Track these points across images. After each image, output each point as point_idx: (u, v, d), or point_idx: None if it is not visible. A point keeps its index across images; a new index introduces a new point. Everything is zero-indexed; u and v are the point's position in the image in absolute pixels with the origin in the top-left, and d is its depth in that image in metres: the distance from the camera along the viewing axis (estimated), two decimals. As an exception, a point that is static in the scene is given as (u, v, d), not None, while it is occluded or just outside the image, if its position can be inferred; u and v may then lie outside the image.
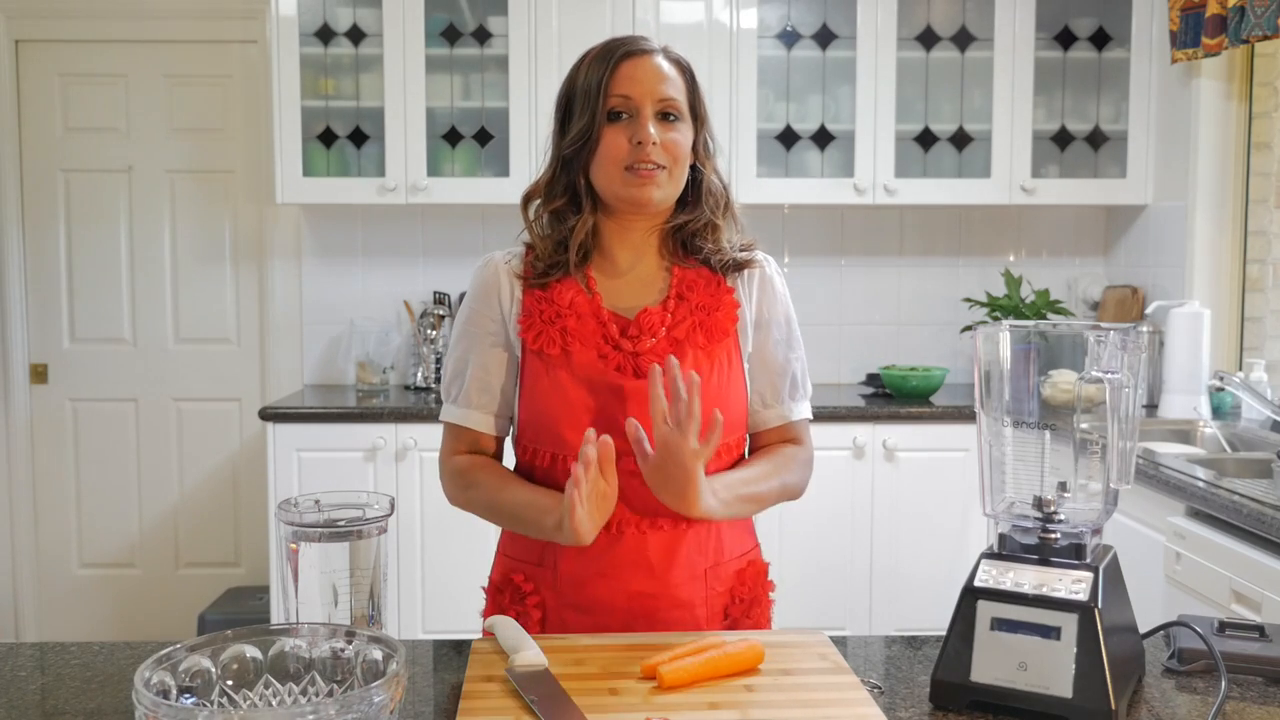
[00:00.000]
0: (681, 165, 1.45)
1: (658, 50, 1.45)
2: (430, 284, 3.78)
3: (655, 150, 1.41)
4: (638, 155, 1.41)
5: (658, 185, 1.43)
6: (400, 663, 0.93)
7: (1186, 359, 3.14)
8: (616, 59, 1.43)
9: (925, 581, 3.27)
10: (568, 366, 1.44)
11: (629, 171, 1.42)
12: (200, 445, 3.98)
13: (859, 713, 1.12)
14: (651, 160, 1.41)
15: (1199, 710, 1.18)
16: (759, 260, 1.54)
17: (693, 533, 1.45)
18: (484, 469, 1.50)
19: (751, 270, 1.53)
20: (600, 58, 1.44)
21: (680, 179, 1.46)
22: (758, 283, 1.53)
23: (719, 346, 1.47)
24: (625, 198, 1.44)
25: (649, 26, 3.44)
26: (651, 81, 1.42)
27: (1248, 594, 2.09)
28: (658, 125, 1.42)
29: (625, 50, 1.43)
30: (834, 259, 3.89)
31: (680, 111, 1.44)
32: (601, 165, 1.44)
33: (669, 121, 1.43)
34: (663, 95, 1.42)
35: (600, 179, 1.45)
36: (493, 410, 1.51)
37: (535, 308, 1.46)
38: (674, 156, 1.43)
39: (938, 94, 3.61)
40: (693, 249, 1.50)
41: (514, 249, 1.53)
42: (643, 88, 1.42)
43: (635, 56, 1.43)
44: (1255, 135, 3.29)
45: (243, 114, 3.89)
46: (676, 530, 1.44)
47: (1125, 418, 1.18)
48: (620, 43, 1.45)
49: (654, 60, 1.44)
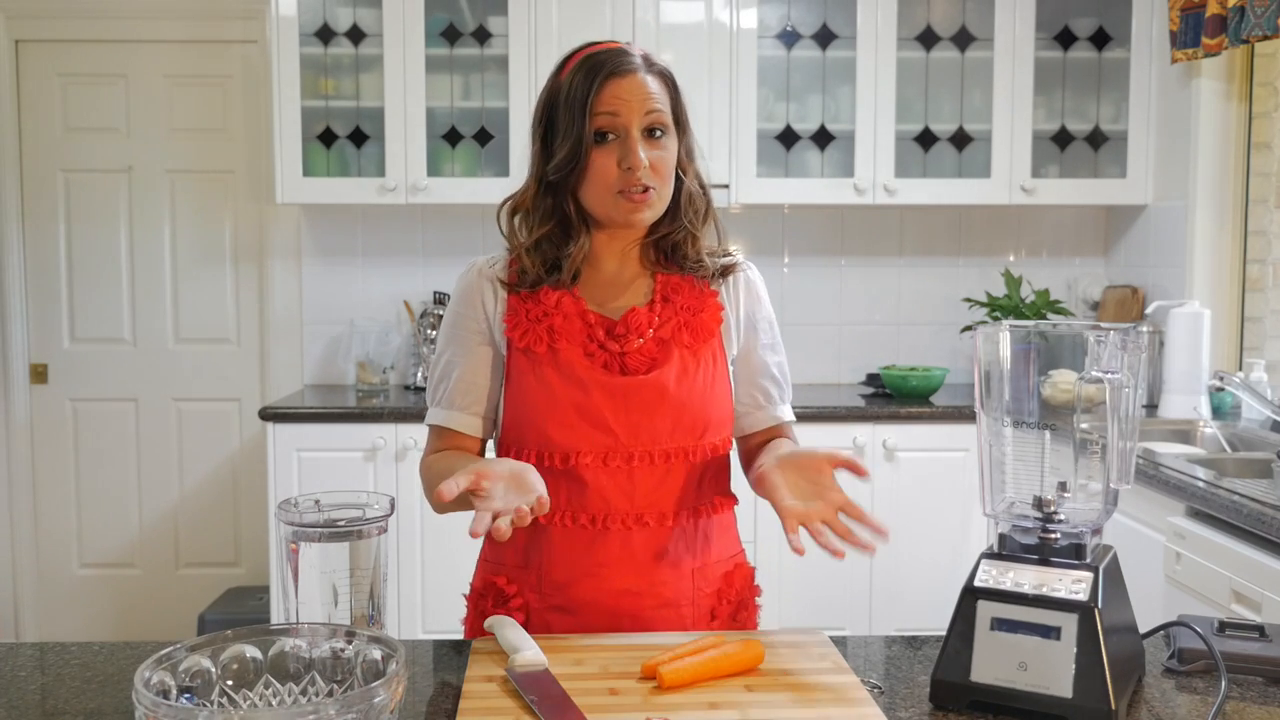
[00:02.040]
0: (669, 182, 1.45)
1: (641, 65, 1.42)
2: (430, 284, 3.79)
3: (645, 173, 1.40)
4: (628, 180, 1.40)
5: (649, 206, 1.43)
6: (400, 663, 0.93)
7: (1186, 359, 3.14)
8: (601, 78, 1.40)
9: (925, 581, 3.27)
10: (554, 364, 1.44)
11: (620, 195, 1.41)
12: (200, 445, 3.98)
13: (859, 713, 1.12)
14: (642, 184, 1.40)
15: (1199, 710, 1.18)
16: (741, 264, 1.55)
17: (679, 530, 1.46)
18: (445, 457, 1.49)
19: (735, 275, 1.53)
20: (584, 74, 1.41)
21: (668, 193, 1.46)
22: (742, 286, 1.54)
23: (704, 346, 1.47)
24: (618, 220, 1.44)
25: (649, 27, 3.44)
26: (638, 100, 1.40)
27: (1248, 594, 2.09)
28: (645, 144, 1.41)
29: (610, 69, 1.41)
30: (834, 259, 3.89)
31: (666, 126, 1.43)
32: (591, 189, 1.43)
33: (655, 138, 1.42)
34: (649, 111, 1.41)
35: (590, 201, 1.44)
36: (477, 412, 1.51)
37: (521, 307, 1.46)
38: (662, 175, 1.43)
39: (938, 94, 3.61)
40: (674, 258, 1.51)
41: (497, 255, 1.53)
42: (629, 107, 1.40)
43: (620, 75, 1.40)
44: (1255, 135, 3.29)
45: (243, 114, 3.89)
46: (662, 528, 1.45)
47: (1125, 418, 1.18)
48: (603, 59, 1.42)
49: (639, 77, 1.41)
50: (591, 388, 1.42)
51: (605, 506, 1.43)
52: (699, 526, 1.48)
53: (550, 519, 1.44)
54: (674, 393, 1.43)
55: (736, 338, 1.53)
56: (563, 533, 1.44)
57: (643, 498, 1.44)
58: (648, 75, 1.42)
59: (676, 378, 1.44)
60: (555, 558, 1.45)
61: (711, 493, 1.50)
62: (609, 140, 1.41)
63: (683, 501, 1.46)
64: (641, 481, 1.43)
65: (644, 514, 1.44)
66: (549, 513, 1.43)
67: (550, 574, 1.46)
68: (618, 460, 1.42)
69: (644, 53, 1.45)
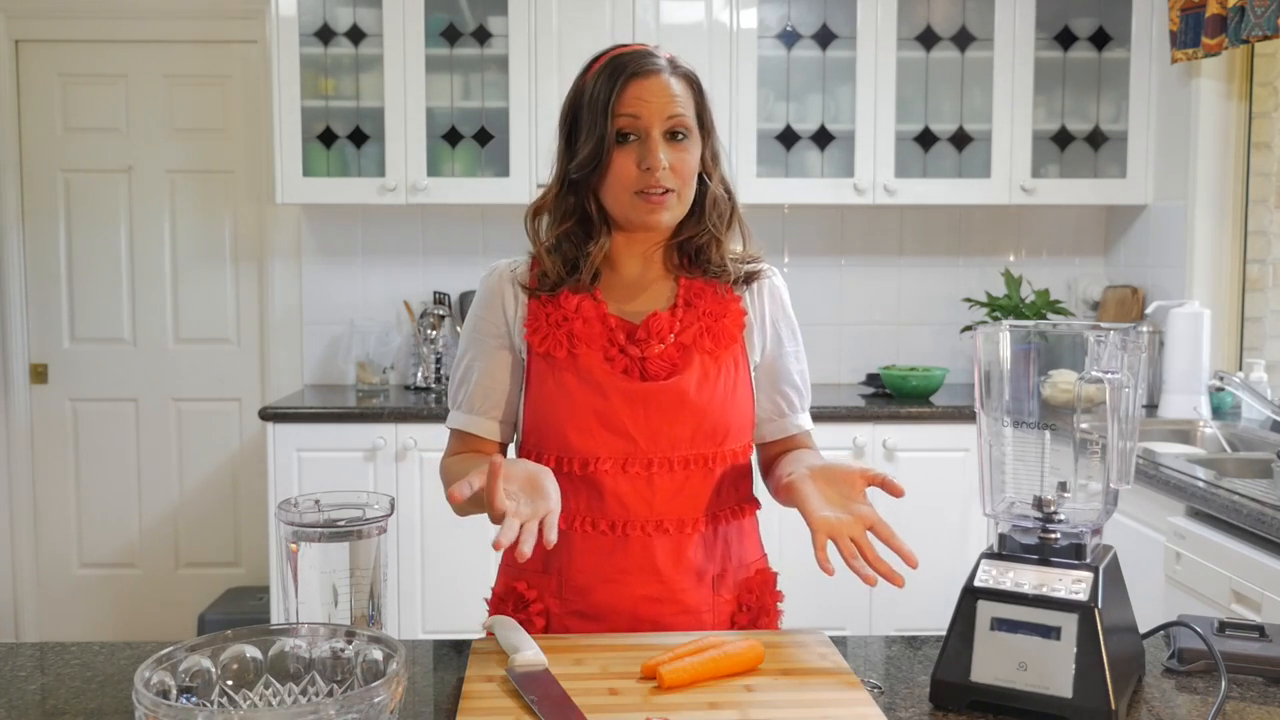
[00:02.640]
0: (690, 184, 1.44)
1: (665, 67, 1.42)
2: (430, 284, 3.78)
3: (665, 174, 1.40)
4: (647, 181, 1.40)
5: (668, 208, 1.42)
6: (400, 663, 0.93)
7: (1186, 359, 3.14)
8: (624, 79, 1.40)
9: (925, 581, 3.25)
10: (574, 369, 1.43)
11: (639, 195, 1.41)
12: (200, 445, 3.98)
13: (859, 713, 1.12)
14: (661, 185, 1.40)
15: (1199, 710, 1.18)
16: (766, 271, 1.53)
17: (699, 537, 1.45)
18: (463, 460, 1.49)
19: (760, 281, 1.52)
20: (608, 75, 1.41)
21: (689, 198, 1.45)
22: (767, 293, 1.53)
23: (726, 352, 1.46)
24: (636, 221, 1.43)
25: (649, 27, 3.44)
26: (660, 102, 1.39)
27: (1248, 594, 2.09)
28: (666, 147, 1.40)
29: (633, 70, 1.40)
30: (834, 259, 3.89)
31: (689, 129, 1.42)
32: (611, 189, 1.42)
33: (678, 141, 1.41)
34: (671, 114, 1.40)
35: (610, 201, 1.44)
36: (496, 416, 1.50)
37: (541, 311, 1.46)
38: (683, 178, 1.42)
39: (938, 94, 3.61)
40: (698, 262, 1.50)
41: (519, 258, 1.53)
42: (651, 109, 1.39)
43: (643, 77, 1.40)
44: (1255, 135, 3.29)
45: (243, 114, 3.89)
46: (682, 534, 1.44)
47: (1125, 418, 1.18)
48: (627, 60, 1.42)
49: (662, 79, 1.40)
50: (611, 393, 1.42)
51: (625, 513, 1.42)
52: (719, 533, 1.48)
53: (570, 525, 1.43)
54: (694, 399, 1.42)
55: (760, 344, 1.52)
56: (583, 539, 1.44)
57: (662, 504, 1.43)
58: (672, 78, 1.42)
59: (697, 384, 1.43)
60: (576, 563, 1.44)
61: (732, 499, 1.49)
62: (630, 141, 1.41)
63: (703, 508, 1.45)
64: (661, 488, 1.43)
65: (664, 520, 1.43)
66: (569, 518, 1.43)
67: (571, 579, 1.45)
68: (637, 466, 1.42)
69: (670, 56, 1.45)
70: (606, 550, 1.43)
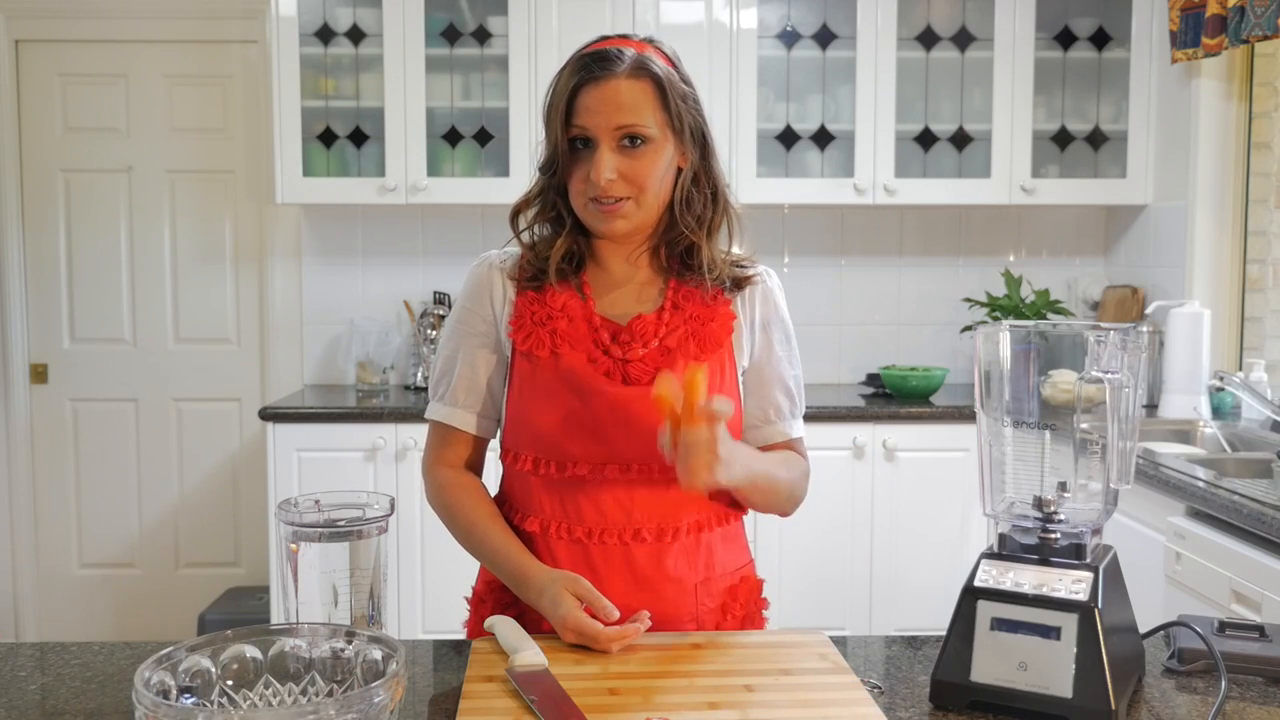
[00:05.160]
0: (650, 190, 1.39)
1: (622, 71, 1.35)
2: (430, 284, 3.78)
3: (614, 184, 1.36)
4: (597, 190, 1.37)
5: (622, 217, 1.39)
6: (400, 663, 0.93)
7: (1186, 359, 3.14)
8: (575, 86, 1.37)
9: (925, 581, 3.27)
10: (555, 369, 1.41)
11: (593, 203, 1.39)
12: (200, 445, 3.98)
13: (859, 713, 1.12)
14: (610, 194, 1.37)
15: (1199, 710, 1.18)
16: (759, 275, 1.50)
17: (679, 545, 1.42)
18: (466, 494, 1.48)
19: (753, 286, 1.49)
20: (565, 80, 1.38)
21: (651, 203, 1.40)
22: (759, 296, 1.49)
23: (712, 357, 1.43)
24: (593, 228, 1.42)
25: (649, 27, 3.44)
26: (608, 112, 1.35)
27: (1248, 594, 2.09)
28: (619, 155, 1.36)
29: (583, 79, 1.36)
30: (834, 259, 3.89)
31: (644, 134, 1.36)
32: (571, 194, 1.42)
33: (635, 148, 1.36)
34: (620, 124, 1.35)
35: (573, 205, 1.43)
36: (478, 410, 1.49)
37: (527, 309, 1.44)
38: (639, 184, 1.37)
39: (938, 94, 3.61)
40: (689, 263, 1.46)
41: (510, 250, 1.51)
42: (598, 119, 1.35)
43: (594, 84, 1.36)
44: (1255, 135, 3.29)
45: (243, 114, 3.89)
46: (660, 542, 1.41)
47: (1125, 418, 1.18)
48: (585, 64, 1.38)
49: (615, 85, 1.35)
50: (590, 396, 1.39)
51: (602, 521, 1.40)
52: (702, 541, 1.44)
53: (545, 529, 1.42)
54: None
55: (748, 347, 1.48)
56: (559, 544, 1.42)
57: (641, 512, 1.40)
58: (628, 80, 1.36)
59: None
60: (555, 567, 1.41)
61: (716, 507, 1.46)
62: (583, 149, 1.38)
63: (684, 516, 1.42)
64: (640, 496, 1.40)
65: (641, 529, 1.40)
66: (544, 522, 1.42)
67: None
68: (614, 471, 1.39)
69: (639, 52, 1.38)
70: (584, 556, 1.41)
